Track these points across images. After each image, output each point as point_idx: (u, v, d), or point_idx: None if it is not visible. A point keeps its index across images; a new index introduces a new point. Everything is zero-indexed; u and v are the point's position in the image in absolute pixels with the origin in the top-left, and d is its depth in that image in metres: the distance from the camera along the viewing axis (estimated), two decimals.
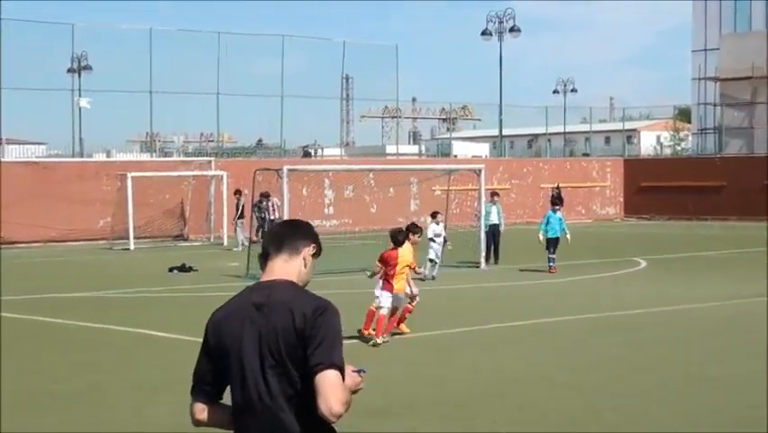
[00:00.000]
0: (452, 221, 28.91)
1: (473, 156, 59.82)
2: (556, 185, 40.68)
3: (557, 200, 24.55)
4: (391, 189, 40.80)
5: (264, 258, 3.87)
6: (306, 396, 3.53)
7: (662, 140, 77.89)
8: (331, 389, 3.46)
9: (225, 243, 33.92)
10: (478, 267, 24.62)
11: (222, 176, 36.23)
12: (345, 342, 3.55)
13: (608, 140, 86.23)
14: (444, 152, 61.58)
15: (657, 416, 9.30)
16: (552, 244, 23.15)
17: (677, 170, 48.60)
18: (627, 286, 20.52)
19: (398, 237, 13.89)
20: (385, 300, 13.47)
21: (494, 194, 27.03)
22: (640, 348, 13.05)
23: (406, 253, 13.76)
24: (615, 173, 50.21)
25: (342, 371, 3.54)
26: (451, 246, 22.61)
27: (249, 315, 3.69)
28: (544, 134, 57.41)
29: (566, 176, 47.69)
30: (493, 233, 25.92)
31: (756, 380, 10.88)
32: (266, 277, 3.82)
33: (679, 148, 75.94)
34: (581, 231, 35.92)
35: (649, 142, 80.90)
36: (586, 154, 61.61)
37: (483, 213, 25.77)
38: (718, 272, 23.24)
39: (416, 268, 14.27)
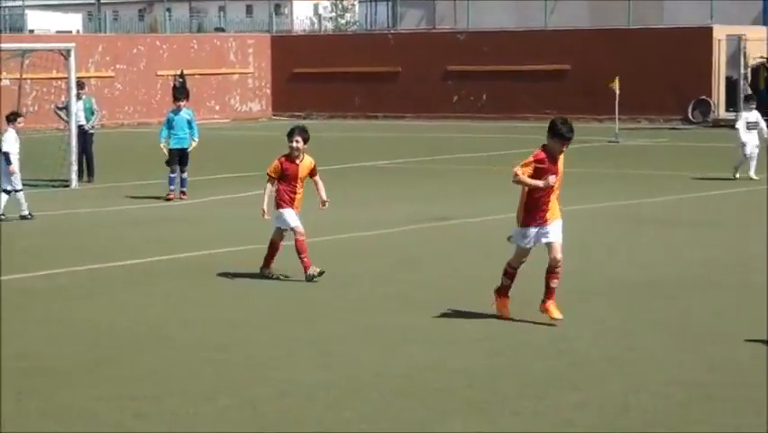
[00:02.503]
0: (30, 123, 28.35)
1: (58, 32, 58.56)
2: (179, 72, 40.69)
3: (180, 93, 24.51)
4: None
5: None
6: None
7: (320, 10, 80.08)
8: None
9: None
10: (68, 186, 24.96)
11: None
12: None
13: (249, 9, 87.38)
14: (15, 25, 59.77)
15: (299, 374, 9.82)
16: (176, 157, 22.65)
17: (341, 52, 50.11)
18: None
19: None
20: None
21: (79, 85, 26.79)
22: (286, 292, 13.60)
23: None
24: (259, 55, 51.00)
25: None
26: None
27: None
28: (162, 1, 57.15)
29: (193, 60, 47.89)
30: (82, 138, 25.96)
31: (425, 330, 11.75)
32: None
33: (343, 21, 78.43)
34: (215, 135, 36.38)
35: (304, 14, 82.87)
36: (220, 29, 62.06)
37: (73, 111, 25.54)
38: (396, 188, 24.47)
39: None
